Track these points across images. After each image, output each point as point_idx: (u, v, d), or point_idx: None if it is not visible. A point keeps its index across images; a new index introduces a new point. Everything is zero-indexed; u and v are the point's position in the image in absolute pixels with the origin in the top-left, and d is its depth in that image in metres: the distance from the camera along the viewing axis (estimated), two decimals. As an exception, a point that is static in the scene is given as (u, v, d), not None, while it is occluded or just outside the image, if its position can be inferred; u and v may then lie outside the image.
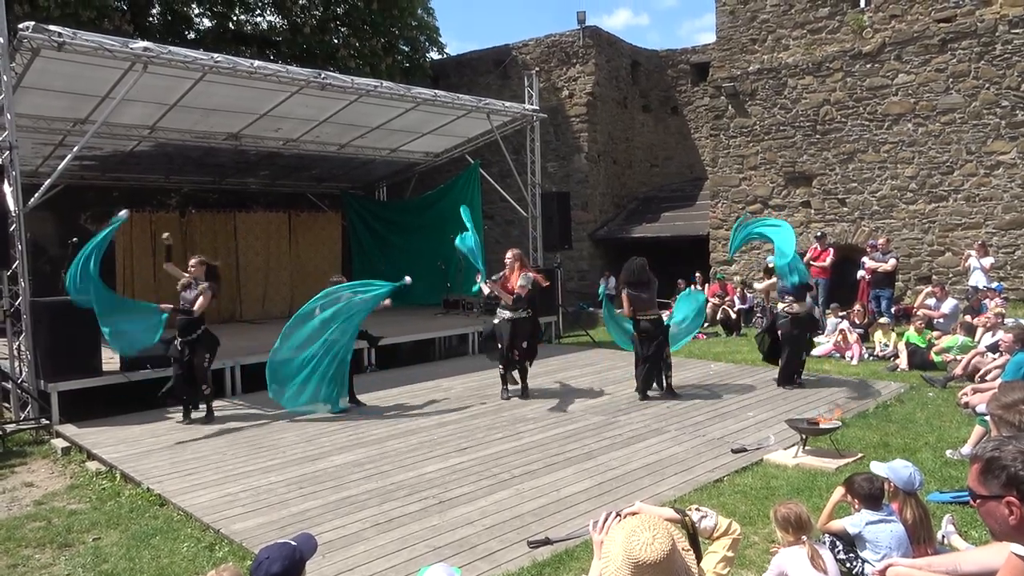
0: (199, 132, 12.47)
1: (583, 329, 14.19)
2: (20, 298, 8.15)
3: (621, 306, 8.51)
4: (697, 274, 15.43)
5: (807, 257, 12.18)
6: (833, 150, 14.12)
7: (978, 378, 7.98)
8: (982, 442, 2.48)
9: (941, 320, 10.82)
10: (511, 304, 8.45)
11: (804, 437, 5.98)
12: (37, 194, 8.55)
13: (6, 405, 8.41)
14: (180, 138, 12.47)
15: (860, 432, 6.67)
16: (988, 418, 3.37)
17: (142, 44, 8.58)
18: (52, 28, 7.85)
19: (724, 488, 5.38)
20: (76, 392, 8.16)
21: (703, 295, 9.04)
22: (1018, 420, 2.98)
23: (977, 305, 10.87)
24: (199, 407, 7.94)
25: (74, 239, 11.14)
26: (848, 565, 3.72)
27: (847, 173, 13.98)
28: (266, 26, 19.42)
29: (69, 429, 7.58)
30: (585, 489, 5.40)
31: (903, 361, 9.72)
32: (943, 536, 4.09)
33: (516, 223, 16.73)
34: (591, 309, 15.67)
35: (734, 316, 13.76)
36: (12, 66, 8.09)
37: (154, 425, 7.70)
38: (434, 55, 21.41)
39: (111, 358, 8.77)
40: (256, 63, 9.90)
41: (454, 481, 5.67)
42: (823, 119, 14.18)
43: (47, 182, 8.67)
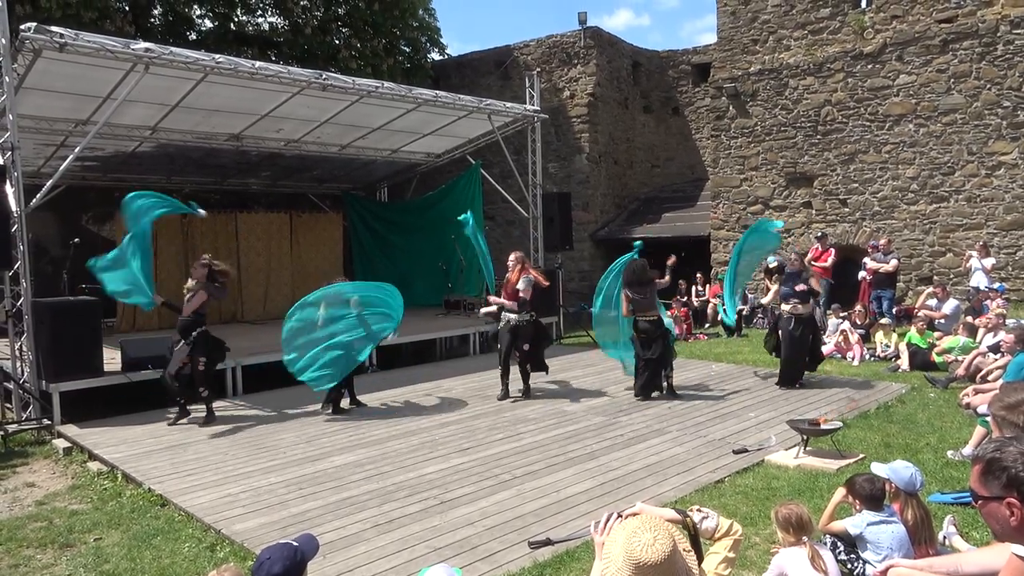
0: (201, 133, 12.49)
1: (584, 330, 14.18)
2: (22, 298, 8.16)
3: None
4: (698, 275, 15.42)
5: (808, 257, 12.19)
6: (834, 151, 14.11)
7: (979, 379, 7.98)
8: (983, 443, 2.48)
9: (942, 321, 10.82)
10: (516, 308, 8.59)
11: (805, 438, 5.98)
12: (39, 195, 8.56)
13: (8, 405, 8.41)
14: (182, 139, 12.48)
15: (861, 433, 6.67)
16: (990, 419, 3.36)
17: (144, 45, 8.58)
18: (54, 29, 7.86)
19: (725, 489, 5.39)
20: (78, 392, 8.17)
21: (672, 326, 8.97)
22: (1022, 421, 2.97)
23: (978, 306, 10.87)
24: (188, 411, 7.88)
25: (76, 239, 11.22)
26: (849, 566, 3.72)
27: (848, 174, 13.97)
28: (267, 27, 19.43)
29: (70, 429, 7.59)
30: (586, 490, 5.41)
31: (904, 362, 9.73)
32: (944, 537, 4.09)
33: (517, 224, 16.73)
34: (591, 309, 15.64)
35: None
36: (14, 67, 8.09)
37: (155, 426, 7.70)
38: (435, 56, 21.41)
39: (112, 359, 8.79)
40: (257, 64, 9.92)
41: (455, 482, 5.67)
42: (824, 120, 14.18)
43: (49, 183, 8.69)
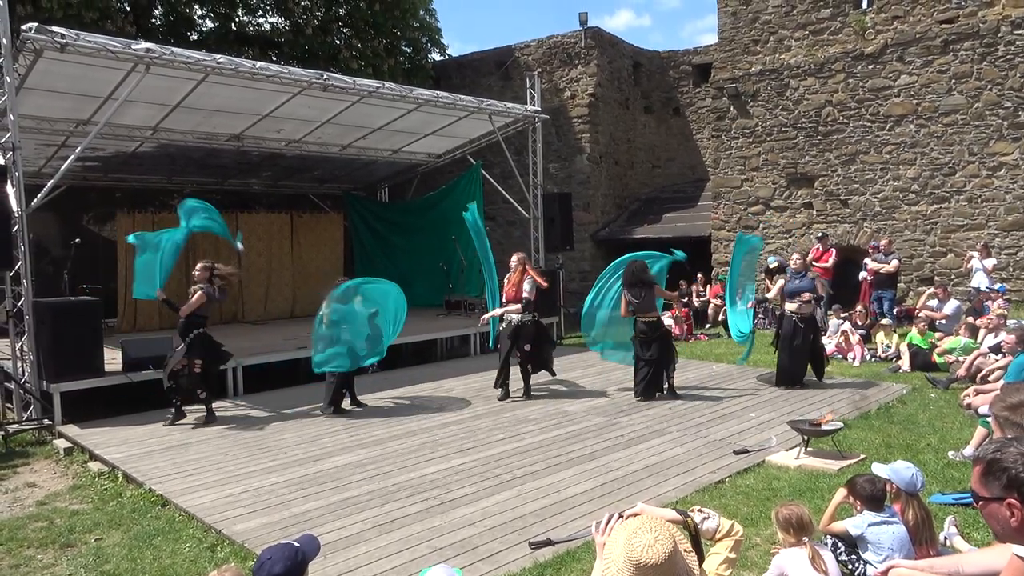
0: (201, 133, 12.49)
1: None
2: (23, 299, 8.16)
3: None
4: (699, 275, 15.41)
5: (809, 258, 12.18)
6: (835, 151, 14.11)
7: (980, 379, 7.98)
8: (984, 444, 2.47)
9: (943, 321, 10.81)
10: (520, 309, 8.63)
11: (806, 438, 5.98)
12: (40, 195, 8.56)
13: (9, 406, 8.43)
14: (182, 139, 12.49)
15: (862, 433, 6.67)
16: (991, 420, 3.35)
17: (145, 45, 8.58)
18: (55, 29, 7.86)
19: (726, 489, 5.38)
20: (78, 393, 8.18)
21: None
22: None
23: (979, 306, 10.86)
24: (184, 412, 7.88)
25: (76, 240, 11.22)
26: (850, 567, 3.72)
27: (849, 174, 13.96)
28: (268, 27, 19.42)
29: (71, 430, 7.59)
30: (587, 490, 5.41)
31: (905, 362, 9.73)
32: (945, 538, 4.08)
33: (518, 224, 16.73)
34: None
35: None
36: (15, 67, 8.09)
37: (156, 426, 7.70)
38: (436, 56, 21.40)
39: (113, 359, 8.79)
40: (258, 64, 9.92)
41: (456, 482, 5.68)
42: (825, 120, 14.18)
43: (50, 183, 8.69)
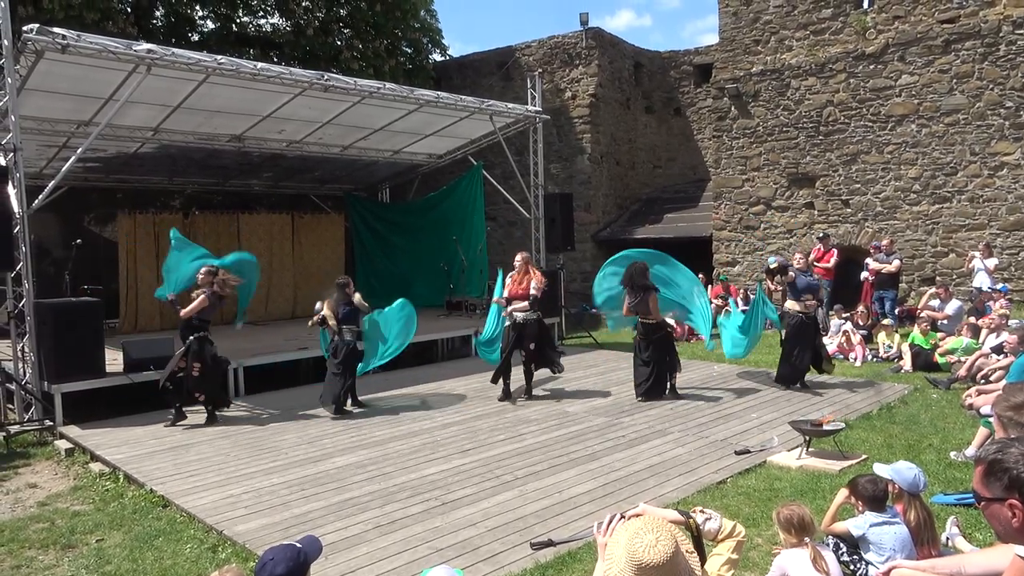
0: (202, 134, 12.49)
1: (586, 330, 14.18)
2: (24, 299, 8.17)
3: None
4: (700, 275, 15.37)
5: (811, 258, 12.17)
6: (836, 151, 14.09)
7: (982, 379, 7.97)
8: (986, 444, 2.47)
9: (945, 321, 10.80)
10: (526, 307, 8.66)
11: (808, 439, 5.97)
12: (41, 196, 8.55)
13: (10, 406, 8.43)
14: (184, 140, 12.48)
15: (864, 434, 6.66)
16: (993, 420, 3.34)
17: (146, 46, 8.58)
18: (56, 30, 7.86)
19: (728, 490, 5.38)
20: (79, 393, 8.18)
21: None
22: None
23: (981, 306, 10.85)
24: (184, 414, 7.89)
25: (78, 240, 11.22)
26: (852, 567, 3.72)
27: (850, 174, 13.95)
28: (269, 28, 19.43)
29: (72, 430, 7.59)
30: (588, 491, 5.40)
31: (907, 362, 9.72)
32: (947, 538, 4.08)
33: (519, 224, 16.73)
34: (594, 310, 15.64)
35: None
36: (16, 68, 8.10)
37: (157, 427, 7.70)
38: (437, 57, 21.40)
39: (114, 360, 8.79)
40: (259, 65, 9.92)
41: (457, 483, 5.67)
42: (826, 120, 14.16)
43: (51, 184, 8.68)
